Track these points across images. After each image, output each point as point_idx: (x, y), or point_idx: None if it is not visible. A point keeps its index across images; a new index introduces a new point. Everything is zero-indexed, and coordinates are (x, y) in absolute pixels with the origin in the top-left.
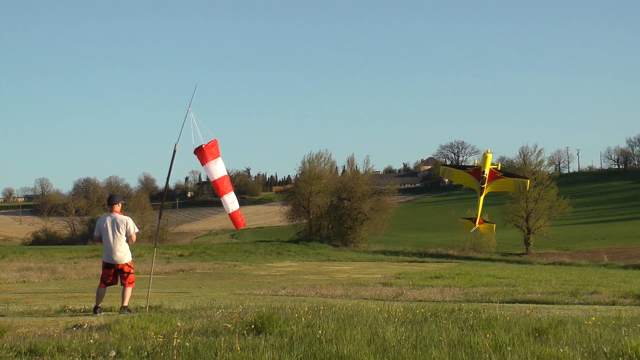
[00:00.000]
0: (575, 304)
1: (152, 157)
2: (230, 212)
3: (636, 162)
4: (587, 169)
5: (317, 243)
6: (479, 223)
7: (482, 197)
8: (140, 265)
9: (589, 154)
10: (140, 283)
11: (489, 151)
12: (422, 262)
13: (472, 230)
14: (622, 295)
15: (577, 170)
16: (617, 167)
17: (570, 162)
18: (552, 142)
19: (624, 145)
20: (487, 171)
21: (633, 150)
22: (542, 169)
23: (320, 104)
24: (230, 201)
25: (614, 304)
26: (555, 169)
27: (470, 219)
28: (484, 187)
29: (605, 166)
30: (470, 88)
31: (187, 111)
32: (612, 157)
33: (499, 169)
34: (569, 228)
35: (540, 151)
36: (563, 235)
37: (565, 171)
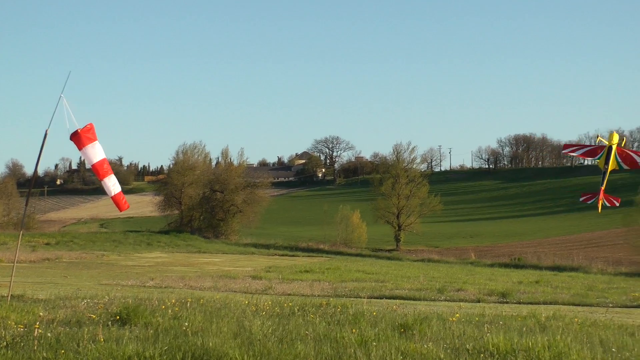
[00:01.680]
0: (441, 301)
1: (21, 142)
2: (112, 195)
3: (506, 162)
4: (459, 167)
5: (188, 234)
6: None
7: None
8: (4, 253)
9: (461, 153)
10: (3, 271)
11: (615, 132)
12: (293, 256)
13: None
14: (487, 292)
15: (448, 168)
16: (487, 166)
17: (443, 160)
18: (426, 140)
19: (494, 145)
20: (614, 145)
21: (503, 151)
22: (414, 166)
23: (195, 95)
24: (112, 184)
25: (478, 301)
26: (428, 167)
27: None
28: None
29: (476, 165)
30: (346, 83)
31: (59, 97)
32: (483, 156)
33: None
34: (439, 225)
35: (413, 149)
36: (433, 233)
37: (438, 169)
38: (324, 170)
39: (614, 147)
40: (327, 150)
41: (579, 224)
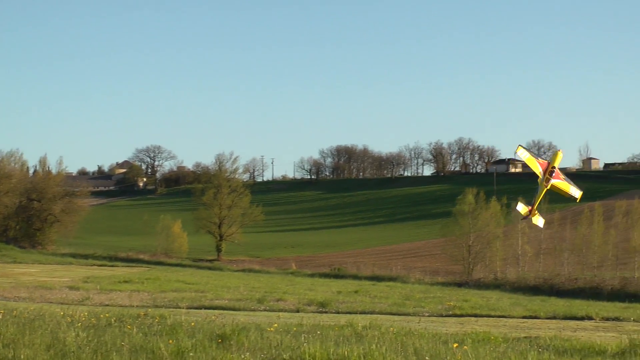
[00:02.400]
0: (261, 311)
1: None
2: None
3: (328, 173)
4: (281, 178)
5: (3, 244)
6: (532, 214)
7: (543, 191)
8: None
9: (284, 163)
10: None
11: (560, 151)
12: (113, 266)
13: (522, 219)
14: (307, 302)
15: (271, 179)
16: (309, 177)
17: (265, 170)
18: (249, 150)
19: (317, 156)
20: (556, 167)
21: (325, 162)
22: (237, 176)
23: (11, 101)
24: None
25: (298, 311)
26: (250, 177)
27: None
28: (548, 179)
29: (298, 176)
30: (168, 92)
31: None
32: (305, 167)
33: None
34: (261, 236)
35: (236, 159)
36: (254, 243)
37: (260, 179)
38: (145, 179)
39: (557, 167)
40: (149, 160)
41: (398, 235)
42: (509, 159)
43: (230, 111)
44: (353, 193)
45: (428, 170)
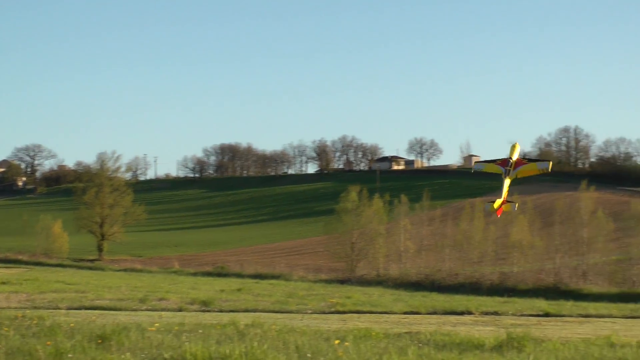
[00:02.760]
0: (143, 310)
1: None
2: None
3: (211, 171)
4: (165, 176)
5: None
6: (504, 207)
7: (508, 182)
8: None
9: (167, 162)
10: None
11: (517, 143)
12: None
13: (494, 209)
14: (190, 301)
15: (154, 177)
16: (193, 175)
17: (148, 169)
18: (131, 148)
19: (200, 154)
20: (513, 158)
21: (209, 160)
22: (119, 175)
23: None
24: None
25: (180, 310)
26: (133, 175)
27: (493, 202)
28: (509, 171)
29: (182, 174)
30: (47, 90)
31: None
32: (189, 165)
33: (523, 158)
34: (144, 235)
35: (118, 157)
36: (137, 242)
37: (143, 178)
38: (24, 179)
39: (514, 159)
40: (29, 159)
41: (282, 232)
42: (391, 157)
43: (113, 109)
44: (237, 191)
45: (312, 168)
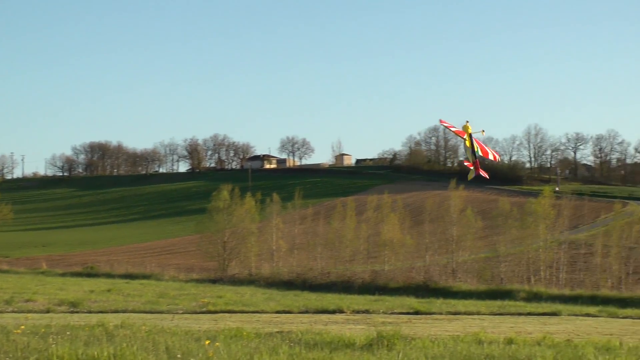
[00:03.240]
0: (8, 312)
1: None
2: None
3: (80, 170)
4: (32, 175)
5: None
6: (477, 169)
7: (471, 148)
8: None
9: (35, 160)
10: None
11: (467, 122)
12: None
13: (474, 176)
14: (58, 302)
15: (21, 176)
16: (61, 174)
17: (15, 168)
18: None
19: (69, 152)
20: (470, 132)
21: (78, 158)
22: None
23: None
24: None
25: (48, 312)
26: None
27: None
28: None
29: (50, 173)
30: None
31: None
32: (57, 164)
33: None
34: (10, 235)
35: None
36: (3, 242)
37: (9, 177)
38: None
39: (469, 134)
40: None
41: (153, 232)
42: (263, 155)
43: None
44: (107, 190)
45: (183, 167)
